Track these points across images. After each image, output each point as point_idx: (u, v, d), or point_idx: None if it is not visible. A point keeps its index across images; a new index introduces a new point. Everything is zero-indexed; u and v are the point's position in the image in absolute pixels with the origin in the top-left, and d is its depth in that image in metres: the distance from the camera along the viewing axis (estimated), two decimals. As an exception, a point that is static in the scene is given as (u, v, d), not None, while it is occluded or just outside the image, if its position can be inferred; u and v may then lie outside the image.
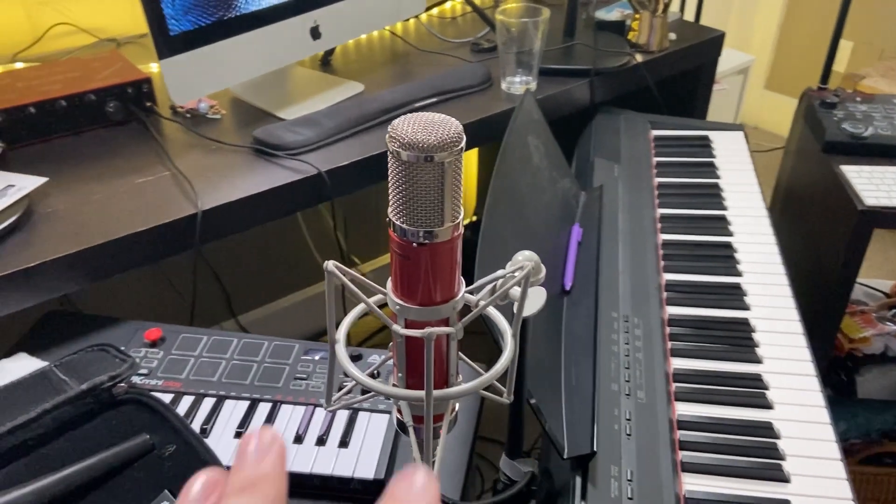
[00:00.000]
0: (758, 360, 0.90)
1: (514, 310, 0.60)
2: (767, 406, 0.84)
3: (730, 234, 1.12)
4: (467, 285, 0.54)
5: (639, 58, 1.42)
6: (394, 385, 0.55)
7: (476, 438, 0.83)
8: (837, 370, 1.48)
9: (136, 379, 0.84)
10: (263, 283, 1.88)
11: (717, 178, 1.26)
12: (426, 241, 0.49)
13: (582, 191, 1.18)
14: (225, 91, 1.27)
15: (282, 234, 1.82)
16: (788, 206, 1.56)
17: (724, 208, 1.18)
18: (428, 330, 0.48)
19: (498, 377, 0.55)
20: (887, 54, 2.62)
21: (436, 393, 0.50)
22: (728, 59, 2.08)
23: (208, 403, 0.82)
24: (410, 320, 0.52)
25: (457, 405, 0.58)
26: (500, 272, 0.58)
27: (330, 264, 0.52)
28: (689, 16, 1.81)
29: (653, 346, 0.91)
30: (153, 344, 0.89)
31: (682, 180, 1.25)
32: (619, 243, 1.07)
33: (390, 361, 0.56)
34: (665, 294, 1.00)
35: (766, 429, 0.81)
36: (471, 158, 2.13)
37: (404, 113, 1.20)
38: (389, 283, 0.53)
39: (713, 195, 1.21)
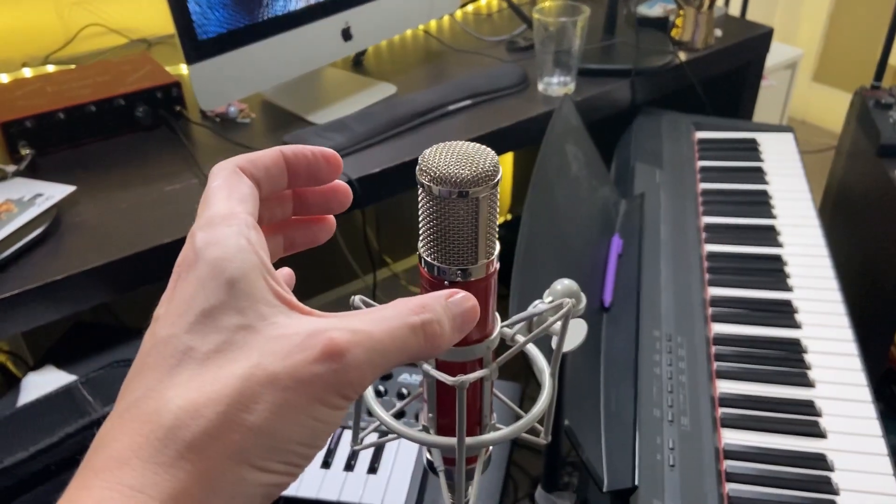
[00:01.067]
0: (810, 384, 0.85)
1: (553, 346, 0.56)
2: (821, 435, 0.79)
3: (779, 246, 1.07)
4: (504, 297, 0.50)
5: (682, 56, 1.37)
6: (423, 426, 0.52)
7: (510, 466, 0.80)
8: (891, 383, 1.41)
9: (161, 397, 0.82)
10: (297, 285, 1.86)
11: (766, 183, 1.20)
12: (459, 280, 0.45)
13: (622, 198, 1.13)
14: (255, 94, 1.25)
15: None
16: (839, 211, 1.49)
17: (773, 217, 1.13)
18: (459, 378, 0.44)
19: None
20: (943, 46, 2.50)
21: (469, 441, 0.47)
22: (775, 54, 2.00)
23: (234, 424, 0.80)
24: (442, 360, 0.48)
25: (490, 449, 0.55)
26: (538, 307, 0.54)
27: (356, 299, 0.49)
28: (735, 10, 1.73)
29: (697, 368, 0.86)
30: (180, 359, 0.87)
31: (728, 186, 1.20)
32: (661, 255, 1.02)
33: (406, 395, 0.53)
34: (710, 310, 0.95)
35: (820, 460, 0.76)
36: (506, 156, 2.09)
37: (437, 117, 1.17)
38: (419, 321, 0.50)
39: (761, 203, 1.16)
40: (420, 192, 0.44)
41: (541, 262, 0.79)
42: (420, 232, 0.45)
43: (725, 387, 0.85)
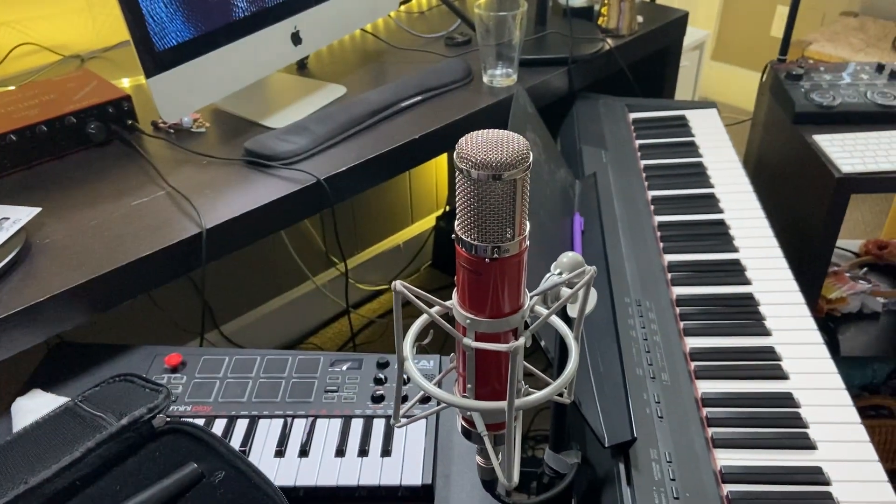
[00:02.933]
0: (767, 333, 0.94)
1: (571, 313, 0.61)
2: (783, 377, 0.88)
3: (720, 212, 1.16)
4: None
5: (611, 42, 1.45)
6: (464, 396, 0.56)
7: (511, 434, 0.84)
8: (819, 331, 1.54)
9: (164, 407, 0.83)
10: (244, 291, 1.86)
11: (700, 156, 1.29)
12: (496, 256, 0.49)
13: (576, 179, 1.20)
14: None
15: (257, 245, 1.79)
16: (760, 179, 1.61)
17: (711, 186, 1.22)
18: (513, 344, 0.49)
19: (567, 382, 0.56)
20: (829, 18, 2.71)
21: (516, 402, 0.51)
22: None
23: (242, 425, 0.81)
24: (480, 332, 0.53)
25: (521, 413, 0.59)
26: (556, 276, 0.59)
27: (398, 284, 0.52)
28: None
29: (667, 328, 0.93)
30: (174, 369, 0.88)
31: (666, 161, 1.28)
32: (619, 229, 1.09)
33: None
34: (669, 275, 1.03)
35: (787, 399, 0.84)
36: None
37: (393, 114, 1.20)
38: (455, 297, 0.54)
39: (699, 174, 1.25)
40: (458, 177, 0.48)
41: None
42: (458, 214, 0.50)
43: (693, 342, 0.93)
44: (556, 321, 0.58)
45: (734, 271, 1.04)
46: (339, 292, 2.02)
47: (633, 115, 1.42)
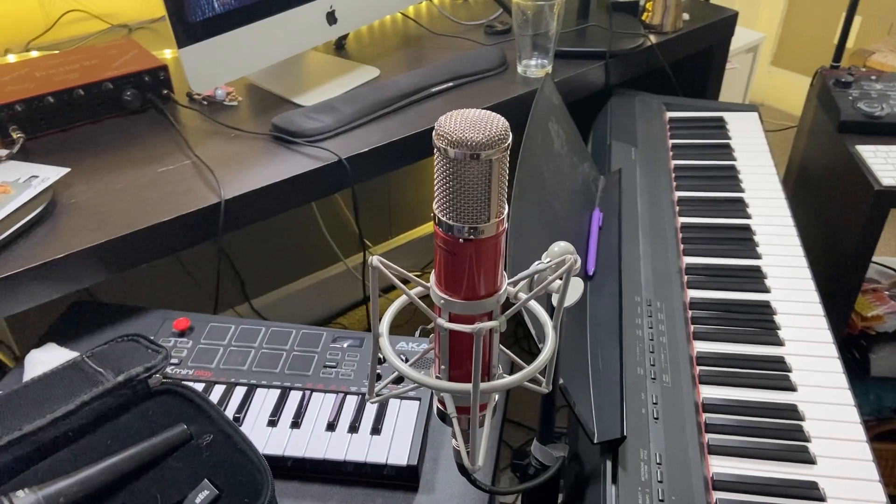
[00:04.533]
0: (780, 343, 0.91)
1: (555, 302, 0.61)
2: (791, 388, 0.85)
3: (748, 217, 1.13)
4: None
5: (653, 39, 1.42)
6: (437, 377, 0.56)
7: (504, 423, 0.84)
8: (851, 348, 1.49)
9: (167, 369, 0.85)
10: (277, 268, 1.89)
11: (734, 159, 1.26)
12: (472, 237, 0.49)
13: (601, 175, 1.19)
14: (241, 78, 1.27)
15: (295, 217, 1.82)
16: (801, 186, 1.56)
17: (741, 190, 1.19)
18: (477, 325, 0.48)
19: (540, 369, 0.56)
20: (896, 29, 2.60)
21: (482, 385, 0.51)
22: (737, 37, 2.07)
23: (240, 392, 0.83)
24: (455, 314, 0.52)
25: (497, 394, 0.59)
26: (540, 265, 0.58)
27: (375, 259, 0.53)
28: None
29: (676, 330, 0.92)
30: (182, 333, 0.90)
31: (698, 162, 1.26)
32: (638, 227, 1.08)
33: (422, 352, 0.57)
34: (686, 278, 1.01)
35: (791, 411, 0.82)
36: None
37: (421, 98, 1.21)
38: (433, 277, 0.54)
39: (730, 177, 1.22)
40: (436, 155, 0.48)
41: (530, 233, 0.84)
42: (435, 193, 0.49)
43: (702, 347, 0.91)
44: (537, 308, 0.57)
45: (754, 278, 1.01)
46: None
47: (670, 114, 1.39)
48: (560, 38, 1.32)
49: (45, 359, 0.90)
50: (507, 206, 0.50)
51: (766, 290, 0.99)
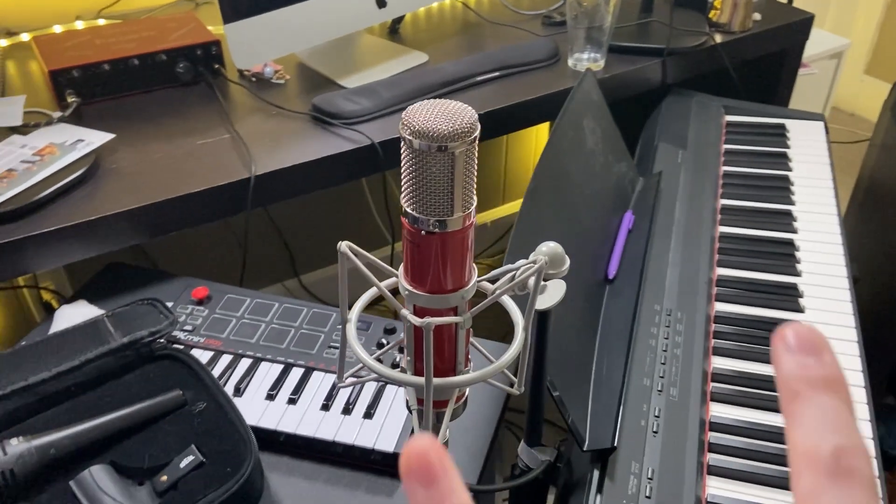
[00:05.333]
0: (804, 367, 0.86)
1: (544, 306, 0.59)
2: (808, 415, 0.81)
3: (793, 231, 1.07)
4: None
5: (718, 38, 1.36)
6: (402, 368, 0.55)
7: (501, 423, 0.83)
8: (867, 375, 1.40)
9: (180, 335, 0.88)
10: (328, 245, 1.92)
11: (789, 170, 1.20)
12: (436, 230, 0.48)
13: (641, 177, 1.15)
14: (291, 56, 1.29)
15: (347, 197, 1.84)
16: (867, 204, 1.47)
17: (791, 203, 1.13)
18: (427, 320, 0.48)
19: (509, 368, 0.55)
20: None
21: (436, 381, 0.51)
22: (821, 42, 1.96)
23: (245, 364, 0.85)
24: (419, 307, 0.52)
25: (466, 392, 0.58)
26: (519, 263, 0.57)
27: (343, 245, 0.52)
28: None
29: (693, 343, 0.88)
30: (200, 302, 0.93)
31: (749, 170, 1.20)
32: (672, 233, 1.04)
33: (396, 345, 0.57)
34: (715, 289, 0.97)
35: (803, 439, 0.78)
36: (532, 136, 2.10)
37: (465, 86, 1.20)
38: (402, 268, 0.53)
39: (781, 188, 1.16)
40: (402, 145, 0.47)
41: (542, 228, 0.82)
42: (402, 183, 0.49)
43: (720, 363, 0.87)
44: (511, 307, 0.56)
45: (788, 296, 0.96)
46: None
47: (728, 118, 1.34)
48: (617, 33, 1.28)
49: (73, 314, 0.94)
50: (474, 200, 0.49)
51: (799, 310, 0.94)
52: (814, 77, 1.92)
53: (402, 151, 0.48)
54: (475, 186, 0.49)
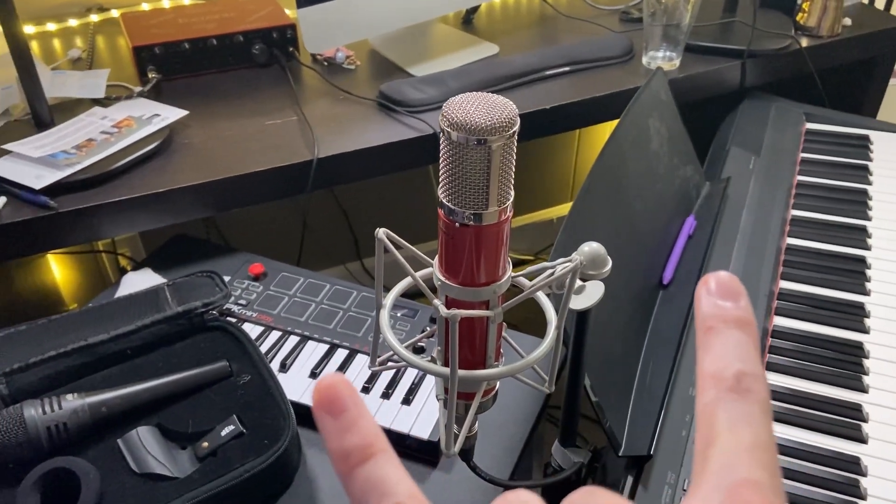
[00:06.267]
0: (863, 389, 0.82)
1: (580, 306, 0.59)
2: (861, 440, 0.77)
3: (866, 248, 1.02)
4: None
5: (804, 42, 1.30)
6: (432, 357, 0.56)
7: (540, 419, 0.83)
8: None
9: (234, 308, 0.90)
10: (391, 230, 1.93)
11: (868, 183, 1.14)
12: (470, 223, 0.48)
13: (707, 181, 1.12)
14: (364, 42, 1.31)
15: (413, 182, 1.86)
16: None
17: (867, 218, 1.07)
18: (453, 311, 0.48)
19: (543, 366, 0.54)
20: None
21: (461, 373, 0.51)
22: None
23: (292, 341, 0.87)
24: (451, 298, 0.52)
25: (496, 386, 0.58)
26: (558, 261, 0.56)
27: (380, 232, 0.53)
28: (880, 2, 1.62)
29: (746, 356, 0.85)
30: (256, 278, 0.96)
31: (826, 181, 1.15)
32: (735, 241, 1.00)
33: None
34: (776, 303, 0.93)
35: (853, 463, 0.74)
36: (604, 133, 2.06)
37: (534, 80, 1.19)
38: (437, 259, 0.53)
39: (858, 202, 1.10)
40: (441, 135, 0.47)
41: (595, 228, 0.81)
42: (440, 174, 0.49)
43: (773, 379, 0.84)
44: (545, 304, 0.55)
45: (853, 315, 0.92)
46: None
47: (808, 126, 1.28)
48: (696, 32, 1.25)
49: (138, 281, 0.98)
50: (511, 195, 0.49)
51: (864, 331, 0.90)
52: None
53: (440, 142, 0.48)
54: (513, 181, 0.49)
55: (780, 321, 0.91)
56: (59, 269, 1.51)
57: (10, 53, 0.97)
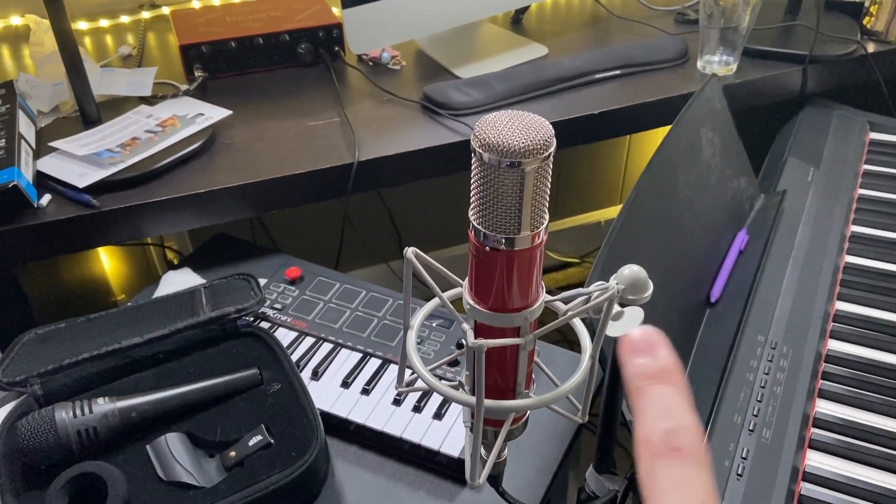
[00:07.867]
0: (924, 424, 0.77)
1: (617, 333, 0.56)
2: (920, 479, 0.72)
3: (932, 269, 0.96)
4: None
5: (870, 47, 1.24)
6: (459, 381, 0.54)
7: (576, 441, 0.80)
8: None
9: (269, 312, 0.90)
10: (434, 230, 1.92)
11: (937, 199, 1.08)
12: (501, 247, 0.46)
13: (762, 194, 1.07)
14: (410, 42, 1.29)
15: (459, 184, 1.83)
16: None
17: (934, 237, 1.01)
18: (479, 342, 0.46)
19: (573, 393, 0.52)
20: None
21: (488, 403, 0.48)
22: None
23: (326, 348, 0.86)
24: (480, 323, 0.50)
25: (527, 413, 0.56)
26: (593, 287, 0.54)
27: (409, 251, 0.51)
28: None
29: (797, 382, 0.81)
30: (292, 282, 0.95)
31: (890, 196, 1.09)
32: (790, 258, 0.96)
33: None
34: (831, 325, 0.89)
35: (910, 506, 0.70)
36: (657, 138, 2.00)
37: (582, 83, 1.15)
38: (467, 281, 0.51)
39: (925, 219, 1.04)
40: (472, 156, 0.45)
41: (639, 243, 0.77)
42: (470, 195, 0.47)
43: (825, 407, 0.80)
44: (580, 331, 0.53)
45: (915, 342, 0.86)
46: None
47: (873, 136, 1.22)
48: (755, 35, 1.19)
49: (177, 280, 0.99)
50: (546, 218, 0.46)
51: (927, 359, 0.84)
52: None
53: (472, 162, 0.45)
54: (547, 203, 0.46)
55: (835, 345, 0.87)
56: (108, 261, 1.54)
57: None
